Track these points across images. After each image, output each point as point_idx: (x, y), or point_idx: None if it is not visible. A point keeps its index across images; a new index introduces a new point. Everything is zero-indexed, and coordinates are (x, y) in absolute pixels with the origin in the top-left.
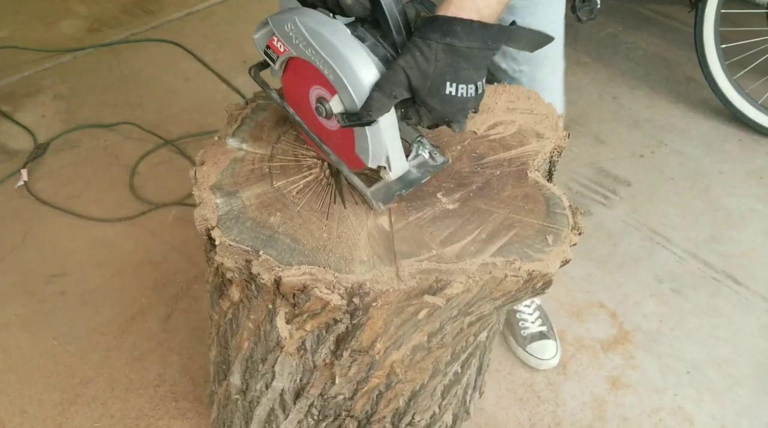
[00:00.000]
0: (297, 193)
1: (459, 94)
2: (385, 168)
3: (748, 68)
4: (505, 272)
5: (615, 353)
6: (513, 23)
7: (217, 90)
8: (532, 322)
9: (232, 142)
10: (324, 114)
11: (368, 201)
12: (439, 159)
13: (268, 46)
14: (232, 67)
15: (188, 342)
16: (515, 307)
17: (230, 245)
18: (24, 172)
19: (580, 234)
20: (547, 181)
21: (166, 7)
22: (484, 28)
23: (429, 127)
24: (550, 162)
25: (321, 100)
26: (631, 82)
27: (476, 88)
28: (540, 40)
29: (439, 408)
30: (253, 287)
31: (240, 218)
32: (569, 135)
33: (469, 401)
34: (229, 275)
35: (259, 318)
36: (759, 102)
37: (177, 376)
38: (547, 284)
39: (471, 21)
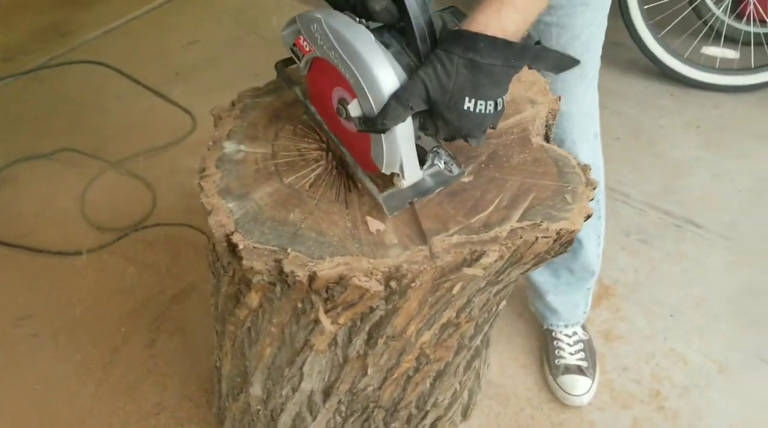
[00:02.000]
0: (310, 186)
1: (477, 110)
2: (398, 175)
3: (670, 26)
4: (536, 234)
5: (601, 308)
6: (538, 43)
7: (153, 105)
8: (571, 353)
9: (229, 145)
10: (344, 115)
11: (379, 205)
12: (455, 170)
13: (294, 44)
14: (164, 80)
15: (180, 365)
16: (555, 334)
17: (255, 247)
18: None
19: (594, 189)
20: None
21: (81, 28)
22: (507, 46)
23: (445, 140)
24: (546, 126)
25: (342, 102)
26: None
27: (496, 104)
28: (564, 62)
29: (460, 385)
30: (278, 289)
31: (258, 219)
32: (560, 98)
33: (481, 374)
34: (256, 279)
35: (283, 320)
36: (684, 56)
37: (176, 401)
38: (570, 242)
39: (495, 38)
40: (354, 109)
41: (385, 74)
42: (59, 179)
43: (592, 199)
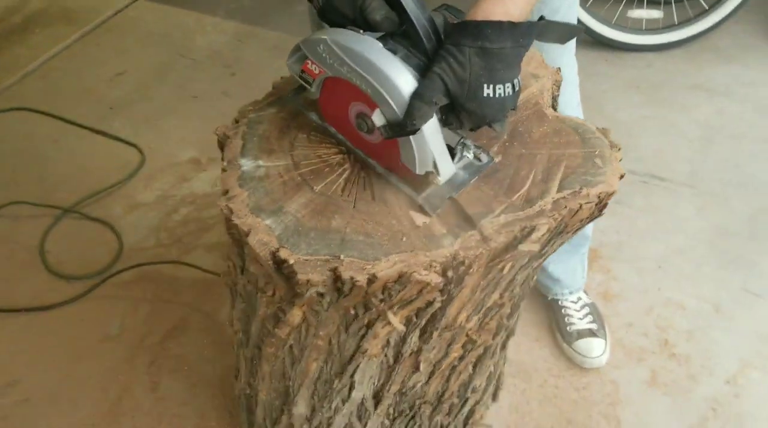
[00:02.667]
0: (342, 191)
1: (497, 95)
2: (433, 173)
3: None
4: (579, 202)
5: (594, 272)
6: (541, 18)
7: (94, 143)
8: (580, 318)
9: (246, 162)
10: (366, 129)
11: (421, 207)
12: (484, 158)
13: (302, 70)
14: (100, 117)
15: (192, 403)
16: (561, 302)
17: (306, 260)
18: None
19: (619, 150)
20: None
21: None
22: (513, 27)
23: (471, 130)
24: (552, 97)
25: (361, 116)
26: None
27: (513, 86)
28: (570, 31)
29: (494, 367)
30: (326, 300)
31: (300, 231)
32: (559, 69)
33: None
34: (311, 291)
35: (330, 332)
36: (612, 22)
37: None
38: (605, 205)
39: (500, 22)
40: (378, 119)
41: (402, 78)
42: (12, 234)
43: (620, 160)
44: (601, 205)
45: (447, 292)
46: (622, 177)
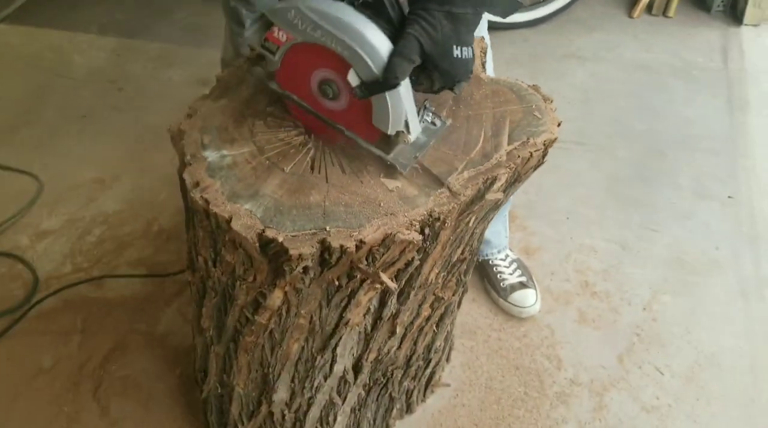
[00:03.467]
0: (312, 169)
1: (464, 56)
2: (403, 132)
3: None
4: (529, 151)
5: (513, 231)
6: None
7: None
8: (510, 273)
9: (210, 154)
10: (331, 94)
11: (389, 167)
12: (438, 122)
13: (266, 40)
14: None
15: (149, 420)
16: (492, 261)
17: (294, 236)
18: None
19: (552, 101)
20: None
21: None
22: None
23: (436, 92)
24: (482, 63)
25: (326, 82)
26: None
27: (471, 49)
28: (512, 6)
29: (451, 325)
30: (308, 276)
31: (282, 211)
32: (483, 38)
33: None
34: (300, 265)
35: (312, 308)
36: None
37: None
38: (546, 152)
39: None
40: (353, 79)
41: (378, 37)
42: None
43: (555, 110)
44: (545, 152)
45: (423, 250)
46: (559, 124)
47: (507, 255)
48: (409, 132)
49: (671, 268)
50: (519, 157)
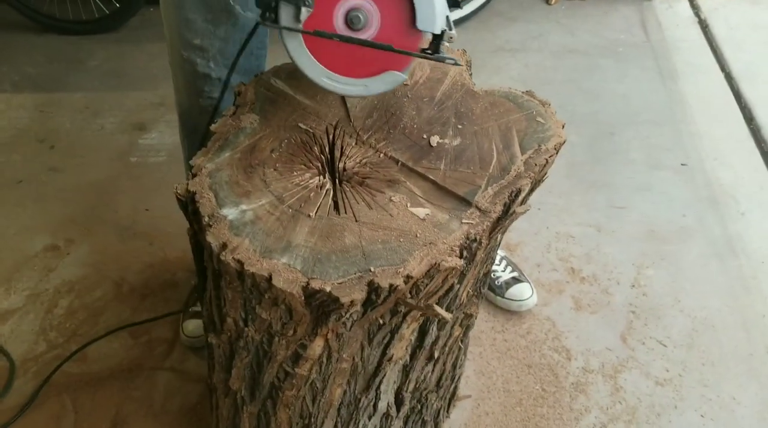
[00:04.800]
0: (336, 210)
1: None
2: (446, 30)
3: None
4: (544, 157)
5: None
6: None
7: None
8: (503, 271)
9: (229, 211)
10: (360, 24)
11: (442, 60)
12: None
13: None
14: None
15: None
16: None
17: (340, 284)
18: None
19: (550, 104)
20: None
21: None
22: None
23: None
24: (470, 74)
25: (353, 11)
26: None
27: None
28: None
29: (469, 337)
30: (350, 319)
31: (321, 259)
32: (465, 50)
33: None
34: (351, 311)
35: (353, 351)
36: None
37: None
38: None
39: None
40: None
41: None
42: None
43: (555, 112)
44: (557, 154)
45: (462, 273)
46: (563, 126)
47: (496, 254)
48: (450, 28)
49: (646, 242)
50: (536, 164)
